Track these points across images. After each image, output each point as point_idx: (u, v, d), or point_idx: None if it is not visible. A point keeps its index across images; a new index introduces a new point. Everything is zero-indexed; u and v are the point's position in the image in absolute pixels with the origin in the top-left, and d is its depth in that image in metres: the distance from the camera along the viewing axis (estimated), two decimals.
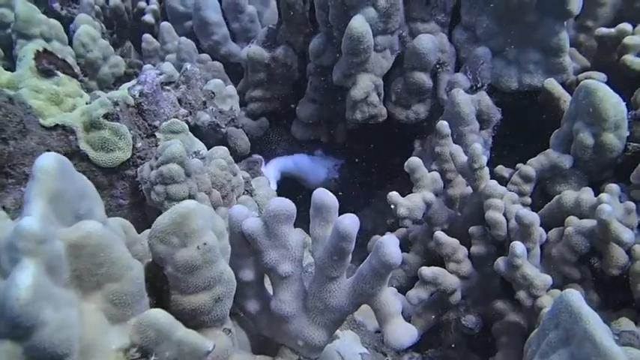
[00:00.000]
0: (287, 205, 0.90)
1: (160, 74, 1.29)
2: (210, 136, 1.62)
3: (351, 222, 0.87)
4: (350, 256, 0.92)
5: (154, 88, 1.25)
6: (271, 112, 1.94)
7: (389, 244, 0.89)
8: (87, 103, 1.19)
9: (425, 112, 1.72)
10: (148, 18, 2.16)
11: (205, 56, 1.98)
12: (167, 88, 1.33)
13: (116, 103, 1.12)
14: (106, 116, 1.10)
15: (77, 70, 1.32)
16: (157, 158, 1.14)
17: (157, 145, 1.25)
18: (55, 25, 1.61)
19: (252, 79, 1.87)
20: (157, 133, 1.26)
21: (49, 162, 0.64)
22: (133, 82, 1.26)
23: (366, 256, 0.84)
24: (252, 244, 0.90)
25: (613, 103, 1.14)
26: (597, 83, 1.15)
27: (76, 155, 1.09)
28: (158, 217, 0.80)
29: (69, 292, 0.64)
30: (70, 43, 1.73)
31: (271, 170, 1.91)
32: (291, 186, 1.95)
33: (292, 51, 1.85)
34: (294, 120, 1.91)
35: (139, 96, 1.23)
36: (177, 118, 1.32)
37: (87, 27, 1.72)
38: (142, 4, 2.21)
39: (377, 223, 1.89)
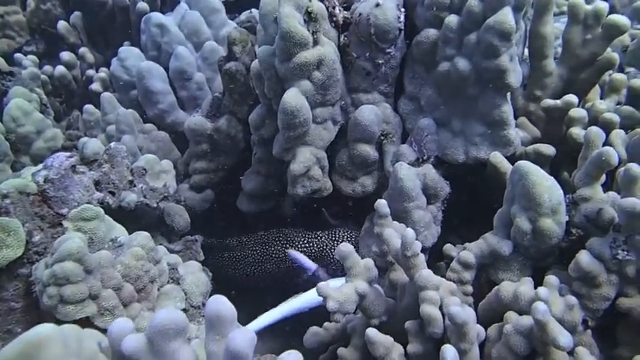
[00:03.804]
0: (175, 317, 0.80)
1: (71, 156, 1.20)
2: (144, 215, 1.53)
3: (243, 340, 0.77)
4: None
5: (62, 173, 1.16)
6: (216, 184, 1.86)
7: None
8: None
9: (372, 185, 1.64)
10: (96, 87, 2.11)
11: (150, 126, 1.91)
12: (81, 170, 1.24)
13: (5, 196, 1.03)
14: None
15: None
16: (53, 255, 1.04)
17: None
18: None
19: (195, 150, 1.80)
20: (64, 222, 1.16)
21: None
22: (39, 166, 1.17)
23: None
24: None
25: (547, 187, 1.06)
26: (529, 166, 1.08)
27: None
28: (3, 347, 0.69)
29: None
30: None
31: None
32: None
33: (236, 121, 1.79)
34: (240, 192, 1.82)
35: (44, 182, 1.13)
36: (90, 203, 1.22)
37: (18, 100, 1.65)
38: (91, 72, 2.17)
39: None
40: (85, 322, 1.02)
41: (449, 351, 0.95)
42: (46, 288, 0.99)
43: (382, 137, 1.60)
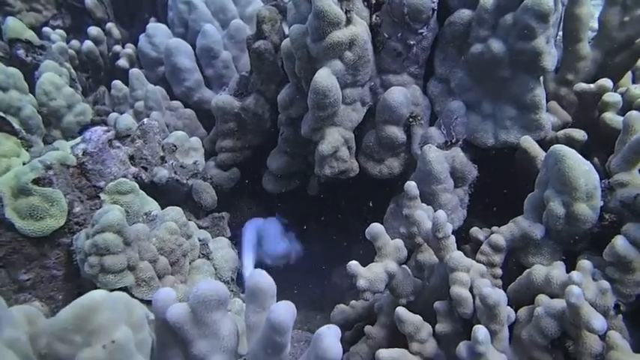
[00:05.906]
0: (217, 288, 0.82)
1: (108, 131, 1.22)
2: (173, 191, 1.55)
3: (285, 311, 0.79)
4: (287, 349, 0.84)
5: (100, 146, 1.18)
6: (242, 163, 1.87)
7: (327, 337, 0.80)
8: (24, 163, 1.12)
9: (399, 167, 1.64)
10: (122, 62, 2.12)
11: (176, 103, 1.93)
12: (117, 144, 1.26)
13: (49, 167, 1.05)
14: (36, 181, 1.03)
15: (17, 126, 1.25)
16: (93, 225, 1.06)
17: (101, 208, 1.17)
18: (14, 73, 1.55)
19: (222, 128, 1.80)
20: (101, 195, 1.18)
21: None
22: (78, 140, 1.19)
23: None
24: (179, 334, 0.82)
25: (583, 172, 1.06)
26: (566, 149, 1.07)
27: (1, 224, 1.01)
28: (60, 310, 0.71)
29: None
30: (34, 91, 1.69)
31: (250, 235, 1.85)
32: None
33: (264, 100, 1.79)
34: (265, 172, 1.83)
35: (82, 155, 1.15)
36: (126, 177, 1.24)
37: (50, 74, 1.67)
38: (117, 47, 2.18)
39: None
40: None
41: (480, 331, 0.96)
42: (87, 257, 1.02)
43: (410, 119, 1.59)
